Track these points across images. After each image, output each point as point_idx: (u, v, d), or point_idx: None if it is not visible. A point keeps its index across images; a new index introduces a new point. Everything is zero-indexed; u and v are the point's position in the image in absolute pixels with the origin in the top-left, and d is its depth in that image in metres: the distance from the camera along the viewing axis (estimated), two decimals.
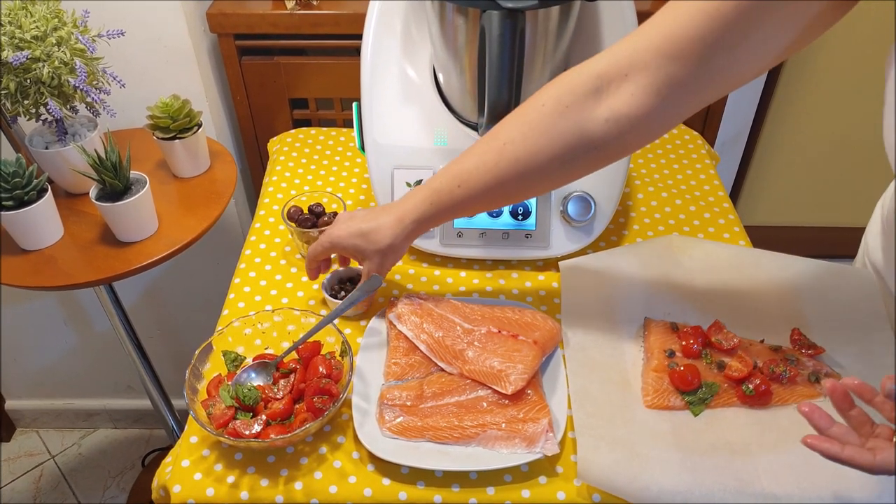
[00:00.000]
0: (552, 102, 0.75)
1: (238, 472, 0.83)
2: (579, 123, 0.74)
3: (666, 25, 0.68)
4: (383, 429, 0.85)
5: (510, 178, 0.79)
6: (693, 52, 0.67)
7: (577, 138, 0.75)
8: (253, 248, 1.12)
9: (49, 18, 1.06)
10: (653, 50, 0.69)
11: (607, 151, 0.76)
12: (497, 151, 0.79)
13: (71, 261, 1.12)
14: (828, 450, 0.62)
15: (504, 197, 0.84)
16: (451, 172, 0.83)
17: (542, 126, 0.76)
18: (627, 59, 0.71)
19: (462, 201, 0.83)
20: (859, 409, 0.63)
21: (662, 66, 0.68)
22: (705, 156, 1.31)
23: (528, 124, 0.77)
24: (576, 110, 0.74)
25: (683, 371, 0.87)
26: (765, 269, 1.02)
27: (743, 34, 0.65)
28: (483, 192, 0.81)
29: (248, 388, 0.86)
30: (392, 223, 0.87)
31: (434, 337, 0.92)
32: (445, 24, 0.95)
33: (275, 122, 1.49)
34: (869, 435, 0.61)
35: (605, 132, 0.73)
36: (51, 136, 1.17)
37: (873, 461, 0.60)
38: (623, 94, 0.71)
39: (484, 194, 0.81)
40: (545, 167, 0.77)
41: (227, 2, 1.37)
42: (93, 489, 1.95)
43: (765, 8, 0.63)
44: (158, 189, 1.23)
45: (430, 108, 1.07)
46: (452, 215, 0.86)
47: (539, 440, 0.82)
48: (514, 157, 0.78)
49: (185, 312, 1.79)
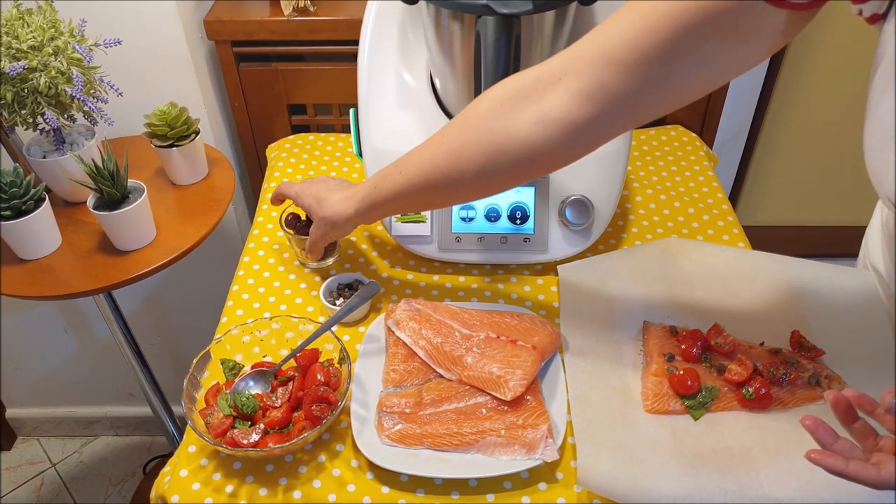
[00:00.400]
0: (488, 103, 0.75)
1: (237, 482, 0.83)
2: (508, 124, 0.73)
3: (606, 32, 0.68)
4: (382, 436, 0.84)
5: (442, 171, 0.79)
6: (628, 61, 0.65)
7: (505, 139, 0.73)
8: (251, 255, 1.12)
9: (46, 28, 1.06)
10: (588, 55, 0.68)
11: (532, 157, 0.74)
12: (436, 143, 0.80)
13: (69, 270, 1.12)
14: (832, 465, 0.61)
15: (438, 191, 0.82)
16: (398, 160, 0.84)
17: (475, 123, 0.76)
18: (564, 64, 0.70)
19: (401, 189, 0.83)
20: (863, 422, 0.62)
21: (596, 72, 0.67)
22: (704, 157, 1.31)
23: (465, 120, 0.77)
24: (507, 110, 0.73)
25: (683, 375, 0.86)
26: (764, 271, 1.02)
27: (682, 49, 0.63)
28: (419, 183, 0.81)
29: (246, 397, 0.86)
30: (341, 199, 0.92)
31: (432, 343, 0.92)
32: (441, 30, 0.95)
33: (273, 128, 1.49)
34: (873, 448, 0.61)
35: (531, 134, 0.72)
36: (48, 146, 1.17)
37: (878, 476, 0.59)
38: (553, 97, 0.70)
39: (420, 185, 0.81)
40: (473, 166, 0.76)
41: (224, 9, 1.37)
42: (94, 497, 1.95)
43: (703, 28, 0.62)
44: (156, 197, 1.23)
45: (427, 114, 1.06)
46: (395, 205, 0.87)
47: (538, 446, 0.82)
48: (448, 149, 0.78)
49: (185, 319, 1.78)
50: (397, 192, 0.84)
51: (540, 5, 0.85)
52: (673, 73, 0.66)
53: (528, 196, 1.05)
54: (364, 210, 0.89)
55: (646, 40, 0.64)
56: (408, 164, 0.83)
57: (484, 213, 1.05)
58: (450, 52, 0.97)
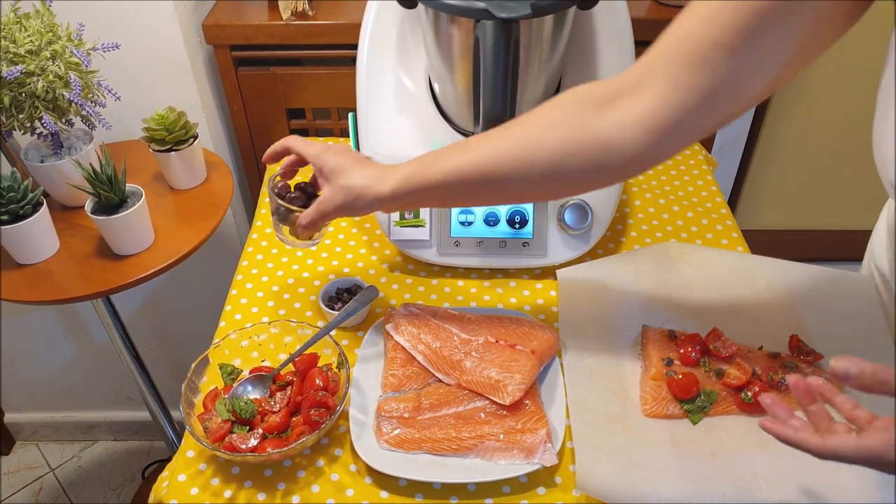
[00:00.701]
0: (571, 103, 0.73)
1: (235, 487, 0.83)
2: (589, 123, 0.71)
3: (680, 31, 0.67)
4: (381, 441, 0.84)
5: (507, 159, 0.74)
6: (706, 58, 0.65)
7: (584, 135, 0.71)
8: (250, 259, 1.12)
9: (43, 33, 1.06)
10: (665, 57, 0.68)
11: (608, 159, 0.72)
12: (506, 129, 0.76)
13: (67, 274, 1.12)
14: (780, 431, 0.64)
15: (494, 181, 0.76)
16: (449, 146, 0.79)
17: (555, 118, 0.73)
18: (643, 68, 0.70)
19: (456, 172, 0.76)
20: (819, 406, 0.63)
21: (674, 73, 0.67)
22: (702, 161, 1.31)
23: (542, 115, 0.74)
24: (590, 110, 0.72)
25: (682, 379, 0.86)
26: (763, 275, 1.01)
27: (759, 39, 0.63)
28: (480, 168, 0.76)
29: (244, 402, 0.86)
30: (376, 173, 0.81)
31: (431, 347, 0.92)
32: (440, 34, 0.95)
33: (272, 133, 1.49)
34: (826, 431, 0.62)
35: (612, 135, 0.70)
36: (46, 150, 1.17)
37: (823, 445, 0.61)
38: (635, 101, 0.69)
39: (479, 171, 0.76)
40: (545, 157, 0.73)
41: (223, 13, 1.37)
42: (93, 502, 1.95)
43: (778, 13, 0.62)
44: (155, 201, 1.23)
45: (425, 118, 1.06)
46: (439, 191, 0.78)
47: (537, 451, 0.82)
48: (520, 138, 0.74)
49: (184, 323, 1.78)
50: (450, 174, 0.76)
51: (538, 9, 0.85)
52: (748, 66, 0.65)
53: None
54: (404, 190, 0.79)
55: (720, 35, 0.63)
56: (468, 147, 0.77)
57: (483, 218, 1.05)
58: (449, 56, 0.97)
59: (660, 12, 1.35)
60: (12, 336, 1.78)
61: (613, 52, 1.03)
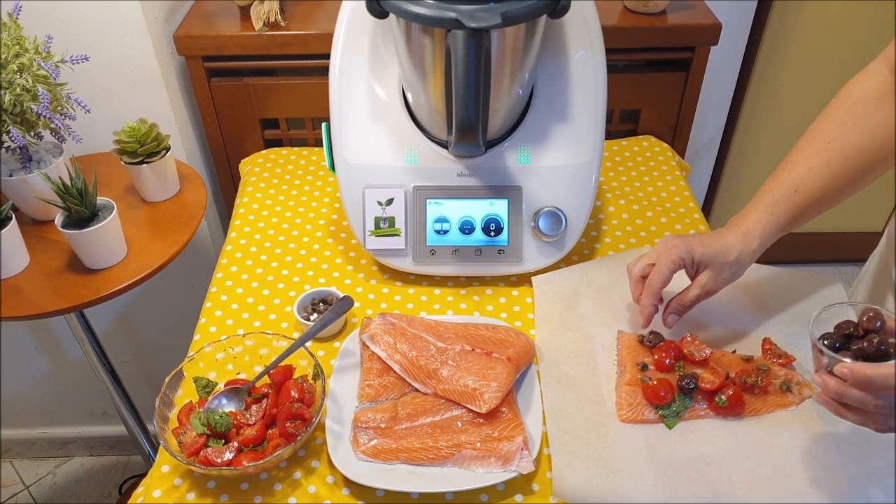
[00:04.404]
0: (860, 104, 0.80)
1: (211, 501, 0.82)
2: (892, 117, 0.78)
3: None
4: (357, 452, 0.84)
5: (842, 174, 0.82)
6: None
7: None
8: (224, 271, 1.11)
9: (10, 45, 1.05)
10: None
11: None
12: (823, 151, 0.83)
13: (38, 290, 1.10)
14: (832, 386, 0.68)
15: (839, 193, 0.85)
16: (781, 183, 0.86)
17: (860, 122, 0.80)
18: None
19: (802, 208, 0.85)
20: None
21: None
22: (675, 167, 1.32)
23: (844, 123, 0.82)
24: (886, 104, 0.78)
25: (656, 385, 0.87)
26: None
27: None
28: (821, 193, 0.84)
29: (219, 415, 0.85)
30: (735, 240, 0.88)
31: (408, 357, 0.92)
32: (412, 44, 0.95)
33: (246, 143, 1.49)
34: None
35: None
36: (15, 164, 1.16)
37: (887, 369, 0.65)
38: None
39: (822, 195, 0.84)
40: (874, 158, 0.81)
41: (194, 24, 1.36)
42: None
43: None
44: (127, 214, 1.22)
45: (399, 127, 1.07)
46: (793, 226, 0.88)
47: (514, 458, 0.82)
48: (843, 154, 0.82)
49: (158, 337, 1.76)
50: (797, 210, 0.86)
51: (509, 19, 0.85)
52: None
53: (502, 208, 1.05)
54: (768, 239, 0.88)
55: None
56: (800, 181, 0.84)
57: (458, 226, 1.06)
58: (421, 65, 0.97)
59: (630, 20, 1.36)
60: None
61: (585, 60, 1.04)
